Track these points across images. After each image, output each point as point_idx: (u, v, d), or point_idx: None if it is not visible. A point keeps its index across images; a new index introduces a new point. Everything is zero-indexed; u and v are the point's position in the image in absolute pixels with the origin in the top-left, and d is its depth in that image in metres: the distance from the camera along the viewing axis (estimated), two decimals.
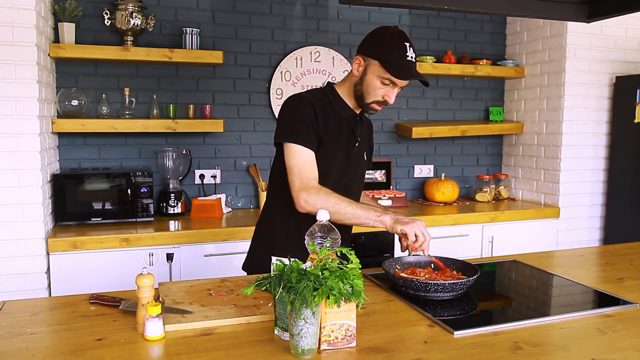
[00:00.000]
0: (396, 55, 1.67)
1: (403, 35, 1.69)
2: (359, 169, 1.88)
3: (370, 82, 1.72)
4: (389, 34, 1.70)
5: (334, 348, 1.21)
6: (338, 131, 1.78)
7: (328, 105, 1.78)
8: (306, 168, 1.67)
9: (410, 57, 1.68)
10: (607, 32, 3.54)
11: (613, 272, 1.91)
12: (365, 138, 1.91)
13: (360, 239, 3.04)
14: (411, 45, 1.69)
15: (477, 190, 3.76)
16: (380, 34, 1.71)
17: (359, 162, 1.87)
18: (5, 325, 1.34)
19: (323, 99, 1.79)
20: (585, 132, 3.58)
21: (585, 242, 3.67)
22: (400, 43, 1.67)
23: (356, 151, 1.83)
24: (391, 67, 1.67)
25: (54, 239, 2.51)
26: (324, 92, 1.82)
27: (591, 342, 1.28)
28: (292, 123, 1.70)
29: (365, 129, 1.93)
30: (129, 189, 2.81)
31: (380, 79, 1.70)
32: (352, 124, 1.82)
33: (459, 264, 1.73)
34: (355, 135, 1.82)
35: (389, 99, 1.73)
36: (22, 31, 2.39)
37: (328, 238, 1.30)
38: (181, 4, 3.19)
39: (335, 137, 1.76)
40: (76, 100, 2.92)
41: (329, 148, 1.74)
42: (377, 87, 1.72)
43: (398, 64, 1.67)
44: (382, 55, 1.68)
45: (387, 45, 1.68)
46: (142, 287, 1.28)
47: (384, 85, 1.71)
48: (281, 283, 1.15)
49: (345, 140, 1.80)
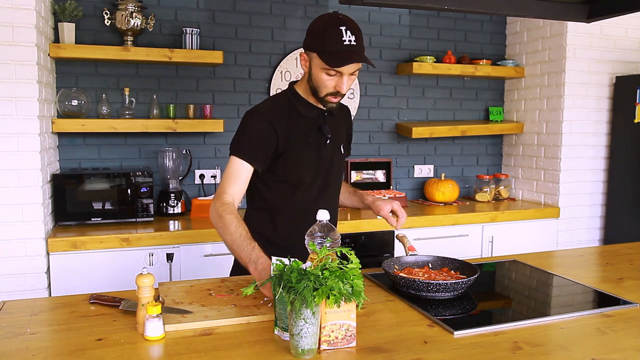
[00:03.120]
0: (332, 43, 1.59)
1: (339, 19, 1.61)
2: (336, 164, 1.85)
3: (317, 76, 1.66)
4: (324, 22, 1.63)
5: (334, 348, 1.21)
6: (304, 134, 1.74)
7: (290, 109, 1.75)
8: (229, 181, 1.68)
9: (347, 41, 1.58)
10: (607, 32, 3.54)
11: (613, 272, 1.91)
12: (340, 130, 1.87)
13: (360, 239, 3.04)
14: (350, 28, 1.60)
15: (477, 190, 3.76)
16: (316, 24, 1.65)
17: (335, 157, 1.84)
18: (5, 325, 1.34)
19: (284, 105, 1.76)
20: (585, 132, 3.58)
21: (585, 242, 3.67)
22: (335, 29, 1.59)
23: (328, 148, 1.80)
24: (327, 56, 1.59)
25: (54, 239, 2.51)
26: (286, 96, 1.79)
27: (591, 342, 1.28)
28: (238, 137, 1.73)
29: (340, 119, 1.89)
30: (129, 189, 2.81)
31: (325, 71, 1.63)
32: (319, 122, 1.77)
33: (458, 264, 1.73)
34: (325, 133, 1.77)
35: (341, 89, 1.65)
36: (22, 31, 2.39)
37: (328, 238, 1.30)
38: (181, 4, 3.19)
39: (302, 140, 1.74)
40: (76, 100, 2.92)
41: (296, 153, 1.73)
42: (324, 79, 1.65)
43: (334, 52, 1.58)
44: (319, 46, 1.62)
45: (322, 35, 1.61)
46: (142, 287, 1.28)
47: (330, 76, 1.63)
48: (281, 283, 1.15)
49: (314, 140, 1.76)
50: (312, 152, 1.76)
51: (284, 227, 1.79)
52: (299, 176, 1.76)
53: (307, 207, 1.77)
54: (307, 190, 1.78)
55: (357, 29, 1.63)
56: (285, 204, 1.79)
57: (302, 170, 1.76)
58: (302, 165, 1.75)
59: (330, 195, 1.85)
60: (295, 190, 1.77)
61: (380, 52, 3.65)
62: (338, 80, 1.64)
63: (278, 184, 1.78)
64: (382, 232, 3.09)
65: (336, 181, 1.89)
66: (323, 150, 1.78)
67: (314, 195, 1.79)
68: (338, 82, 1.64)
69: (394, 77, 3.70)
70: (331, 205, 1.83)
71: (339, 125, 1.87)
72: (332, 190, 1.87)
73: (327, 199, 1.83)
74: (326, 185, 1.82)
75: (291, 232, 1.77)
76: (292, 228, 1.77)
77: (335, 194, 1.90)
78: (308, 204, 1.78)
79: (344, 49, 1.58)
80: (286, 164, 1.73)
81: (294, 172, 1.75)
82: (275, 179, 1.77)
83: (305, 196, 1.78)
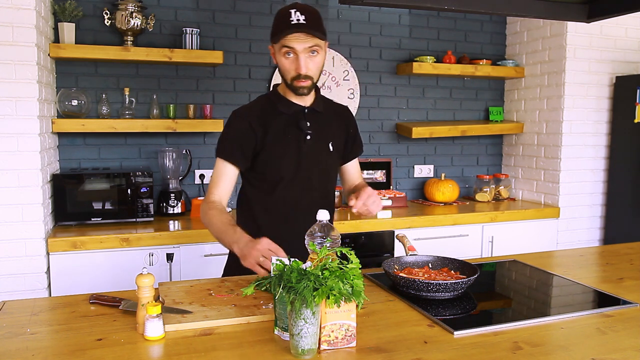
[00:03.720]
0: (280, 24, 1.64)
1: (292, 5, 1.66)
2: (323, 162, 1.83)
3: (280, 63, 1.69)
4: (277, 12, 1.69)
5: (334, 348, 1.21)
6: (283, 131, 1.76)
7: (270, 108, 1.79)
8: (214, 181, 1.77)
9: (295, 20, 1.62)
10: (607, 32, 3.54)
11: (613, 272, 1.91)
12: (330, 128, 1.86)
13: (360, 239, 3.04)
14: (299, 10, 1.63)
15: (477, 190, 3.76)
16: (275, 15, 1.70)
17: (319, 154, 1.81)
18: (5, 325, 1.34)
19: (265, 104, 1.82)
20: (585, 132, 3.58)
21: (585, 242, 3.67)
22: (285, 12, 1.64)
23: (310, 144, 1.78)
24: (275, 39, 1.66)
25: (54, 239, 2.51)
26: (267, 97, 1.84)
27: (591, 342, 1.28)
28: (221, 139, 1.81)
29: (332, 117, 1.88)
30: (129, 189, 2.81)
31: (282, 55, 1.66)
32: (299, 118, 1.78)
33: (458, 264, 1.73)
34: (303, 129, 1.77)
35: (300, 68, 1.66)
36: (22, 31, 2.39)
37: (328, 238, 1.30)
38: (181, 4, 3.19)
39: (280, 137, 1.76)
40: (76, 100, 2.92)
41: (274, 149, 1.75)
42: (285, 64, 1.68)
43: (280, 31, 1.63)
44: (272, 32, 1.67)
45: (275, 20, 1.67)
46: (142, 287, 1.28)
47: (287, 57, 1.67)
48: (281, 283, 1.15)
49: (294, 137, 1.77)
50: (291, 148, 1.77)
51: (267, 226, 1.79)
52: (277, 172, 1.77)
53: (289, 206, 1.80)
54: (287, 187, 1.78)
55: (309, 12, 1.65)
56: (267, 202, 1.81)
57: (280, 167, 1.76)
58: (280, 161, 1.76)
59: (315, 195, 1.82)
60: (275, 187, 1.78)
61: (380, 52, 3.65)
62: (294, 60, 1.66)
63: (259, 182, 1.81)
64: (382, 232, 3.09)
65: (323, 180, 1.85)
66: (303, 146, 1.77)
67: (296, 193, 1.79)
68: (296, 63, 1.66)
69: (394, 77, 3.70)
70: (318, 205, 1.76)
71: (328, 123, 1.85)
72: (318, 189, 1.83)
73: (312, 198, 1.80)
74: (309, 184, 1.80)
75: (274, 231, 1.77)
76: (275, 227, 1.79)
77: (323, 193, 1.85)
78: (290, 202, 1.79)
79: (291, 26, 1.62)
80: (265, 160, 1.77)
81: (273, 169, 1.77)
82: (256, 176, 1.81)
83: (286, 194, 1.78)
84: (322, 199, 1.85)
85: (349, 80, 3.57)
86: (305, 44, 1.64)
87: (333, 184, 1.93)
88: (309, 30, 1.62)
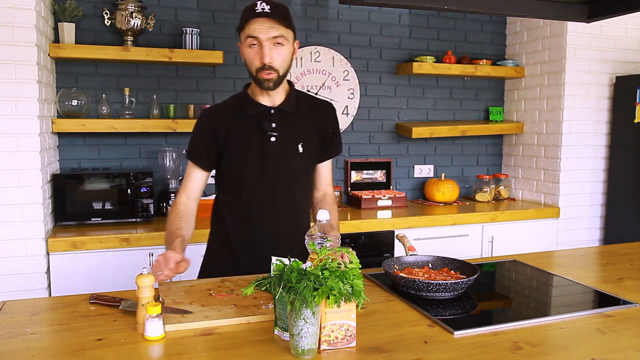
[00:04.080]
0: (246, 12, 1.64)
1: None
2: (290, 164, 1.77)
3: (245, 54, 1.68)
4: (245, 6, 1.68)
5: (334, 348, 1.21)
6: (247, 132, 1.75)
7: (237, 108, 1.78)
8: (183, 182, 1.82)
9: (260, 9, 1.61)
10: (607, 32, 3.54)
11: (613, 272, 1.91)
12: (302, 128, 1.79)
13: (360, 239, 3.04)
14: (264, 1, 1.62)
15: (477, 190, 3.76)
16: None
17: (286, 156, 1.76)
18: (5, 325, 1.34)
19: (232, 104, 1.81)
20: (585, 132, 3.58)
21: (585, 242, 3.67)
22: (252, 4, 1.63)
23: (275, 145, 1.74)
24: (241, 25, 1.65)
25: (54, 239, 2.51)
26: (237, 97, 1.83)
27: (591, 342, 1.28)
28: (190, 139, 1.83)
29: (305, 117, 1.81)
30: (129, 189, 2.81)
31: (247, 45, 1.65)
32: (263, 119, 1.74)
33: (458, 264, 1.73)
34: (266, 131, 1.73)
35: (264, 58, 1.63)
36: (22, 31, 2.39)
37: (328, 238, 1.30)
38: (181, 4, 3.19)
39: (243, 139, 1.74)
40: (76, 100, 2.92)
41: (237, 151, 1.74)
42: (249, 54, 1.66)
43: (246, 18, 1.63)
44: (239, 24, 1.67)
45: (242, 12, 1.67)
46: (142, 287, 1.28)
47: (252, 47, 1.65)
48: (281, 283, 1.15)
49: (257, 139, 1.74)
50: (254, 150, 1.74)
51: (233, 228, 1.80)
52: (241, 175, 1.76)
53: (254, 208, 1.78)
54: (251, 190, 1.76)
55: (276, 4, 1.64)
56: (232, 203, 1.81)
57: (243, 169, 1.75)
58: (243, 163, 1.75)
59: (280, 197, 1.77)
60: (239, 189, 1.77)
61: (380, 52, 3.65)
62: (258, 50, 1.64)
63: (225, 183, 1.82)
64: (382, 232, 3.09)
65: (291, 182, 1.79)
66: (267, 148, 1.74)
67: (261, 196, 1.76)
68: (260, 52, 1.64)
69: (394, 77, 3.70)
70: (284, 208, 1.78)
71: (299, 123, 1.79)
72: (285, 191, 1.78)
73: (278, 200, 1.77)
74: (274, 186, 1.76)
75: (240, 233, 1.80)
76: (241, 229, 1.79)
77: (290, 196, 1.79)
78: (254, 204, 1.77)
79: (255, 14, 1.61)
80: (228, 162, 1.76)
81: (236, 171, 1.76)
82: (222, 178, 1.82)
83: (250, 196, 1.77)
84: (290, 201, 1.80)
85: (349, 80, 3.57)
86: (269, 32, 1.62)
87: (305, 186, 1.86)
88: (274, 17, 1.60)
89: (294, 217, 1.82)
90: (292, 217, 1.82)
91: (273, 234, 1.79)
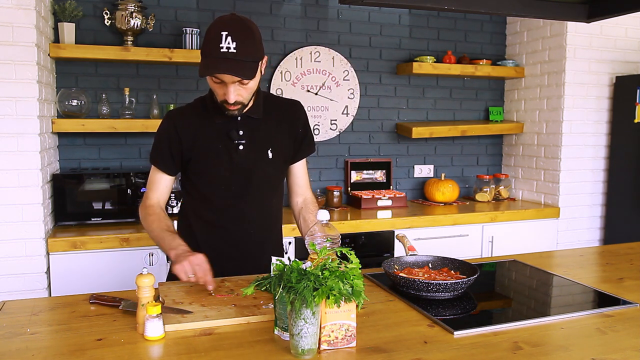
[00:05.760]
0: (209, 48, 1.50)
1: (224, 23, 1.51)
2: (260, 170, 1.73)
3: (209, 82, 1.59)
4: (211, 25, 1.53)
5: (334, 348, 1.21)
6: (214, 140, 1.69)
7: (202, 114, 1.71)
8: (149, 186, 1.77)
9: (225, 48, 1.47)
10: (607, 32, 3.54)
11: (613, 272, 1.91)
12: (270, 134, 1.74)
13: (360, 239, 3.04)
14: (232, 34, 1.48)
15: (477, 190, 3.76)
16: (209, 27, 1.54)
17: (255, 163, 1.72)
18: (5, 325, 1.34)
19: (198, 109, 1.73)
20: (585, 132, 3.58)
21: (585, 242, 3.67)
22: (215, 34, 1.48)
23: (243, 153, 1.70)
24: (203, 63, 1.52)
25: (54, 239, 2.51)
26: (202, 101, 1.75)
27: (591, 342, 1.28)
28: (153, 142, 1.77)
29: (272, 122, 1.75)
30: (129, 189, 2.81)
31: (211, 79, 1.57)
32: (229, 128, 1.69)
33: (458, 264, 1.73)
34: (233, 139, 1.68)
35: (228, 97, 1.55)
36: (22, 31, 2.39)
37: (328, 238, 1.30)
38: (181, 4, 3.19)
39: (210, 147, 1.69)
40: (76, 100, 2.92)
41: (205, 159, 1.70)
42: (213, 86, 1.58)
43: (209, 59, 1.50)
44: (202, 51, 1.53)
45: (206, 39, 1.52)
46: (142, 287, 1.28)
47: (216, 83, 1.56)
48: (281, 283, 1.15)
49: (225, 147, 1.69)
50: (223, 157, 1.69)
51: (202, 235, 1.77)
52: (209, 182, 1.72)
53: (224, 215, 1.75)
54: (220, 199, 1.73)
55: (242, 34, 1.50)
56: (201, 210, 1.77)
57: (212, 178, 1.71)
58: (211, 172, 1.71)
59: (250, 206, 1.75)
60: (208, 196, 1.74)
61: (380, 52, 3.65)
62: (225, 88, 1.55)
63: (193, 190, 1.77)
64: (382, 232, 3.09)
65: (261, 190, 1.76)
66: (235, 157, 1.69)
67: (229, 205, 1.74)
68: (225, 90, 1.56)
69: (394, 77, 3.70)
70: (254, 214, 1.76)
71: (267, 128, 1.74)
72: (254, 200, 1.75)
73: (247, 209, 1.75)
74: (243, 195, 1.73)
75: (209, 240, 1.76)
76: (210, 235, 1.76)
77: (259, 205, 1.77)
78: (224, 211, 1.74)
79: (219, 56, 1.48)
80: (196, 170, 1.72)
81: (204, 179, 1.72)
82: (190, 184, 1.78)
83: (220, 204, 1.74)
84: (260, 209, 1.78)
85: (349, 80, 3.57)
86: (234, 77, 1.52)
87: (276, 191, 1.83)
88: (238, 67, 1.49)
89: (265, 223, 1.81)
90: (263, 223, 1.80)
91: (244, 241, 1.77)
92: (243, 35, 1.51)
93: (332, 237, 1.31)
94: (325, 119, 3.53)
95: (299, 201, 1.87)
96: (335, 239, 1.31)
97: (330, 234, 1.31)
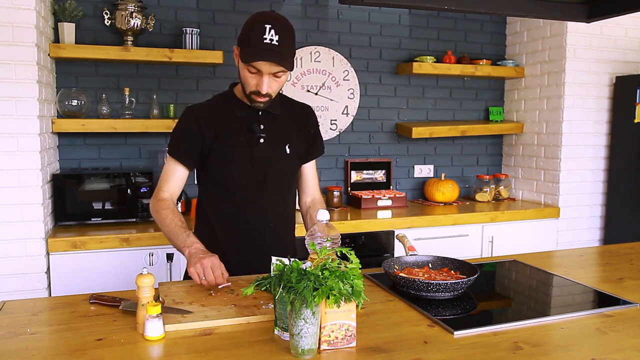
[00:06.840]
0: (253, 39, 1.56)
1: (268, 17, 1.59)
2: (277, 165, 1.78)
3: (241, 72, 1.64)
4: (253, 18, 1.61)
5: (334, 348, 1.21)
6: (236, 133, 1.73)
7: (224, 108, 1.76)
8: (164, 178, 1.77)
9: (268, 40, 1.55)
10: (607, 32, 3.54)
11: (613, 272, 1.91)
12: (287, 130, 1.81)
13: (360, 239, 3.04)
14: (275, 27, 1.56)
15: (477, 190, 3.76)
16: (248, 20, 1.62)
17: (274, 157, 1.77)
18: (5, 325, 1.34)
19: (219, 103, 1.78)
20: (585, 132, 3.59)
21: (585, 242, 3.67)
22: (260, 26, 1.56)
23: (263, 147, 1.75)
24: (245, 51, 1.58)
25: (54, 239, 2.51)
26: (222, 97, 1.80)
27: (591, 342, 1.28)
28: (172, 136, 1.79)
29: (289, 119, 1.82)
30: (129, 189, 2.81)
31: (247, 67, 1.61)
32: (251, 121, 1.74)
33: (458, 264, 1.73)
34: (255, 132, 1.73)
35: (261, 88, 1.61)
36: (22, 31, 2.39)
37: (328, 238, 1.30)
38: (181, 4, 3.19)
39: (232, 139, 1.73)
40: (76, 100, 2.92)
41: (225, 152, 1.73)
42: (246, 76, 1.63)
43: (251, 48, 1.57)
44: (242, 41, 1.61)
45: (248, 30, 1.59)
46: (142, 287, 1.28)
47: (251, 73, 1.61)
48: (281, 283, 1.15)
49: (246, 140, 1.74)
50: (244, 152, 1.73)
51: (224, 230, 1.78)
52: (229, 176, 1.75)
53: (242, 209, 1.77)
54: (240, 191, 1.75)
55: (285, 30, 1.59)
56: (220, 205, 1.79)
57: (232, 170, 1.74)
58: (232, 165, 1.74)
59: (269, 199, 1.78)
60: (227, 191, 1.76)
61: (380, 52, 3.65)
62: (259, 79, 1.61)
63: (212, 185, 1.79)
64: (382, 232, 3.09)
65: (279, 183, 1.80)
66: (256, 149, 1.74)
67: (249, 197, 1.76)
68: (259, 81, 1.62)
69: (394, 77, 3.70)
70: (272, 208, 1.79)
71: (285, 125, 1.81)
72: (272, 193, 1.79)
73: (266, 202, 1.78)
74: (262, 188, 1.76)
75: (228, 234, 1.77)
76: (229, 230, 1.77)
77: (277, 198, 1.81)
78: (243, 205, 1.76)
79: (262, 47, 1.55)
80: (216, 163, 1.74)
81: (225, 172, 1.75)
82: (209, 180, 1.79)
83: (239, 198, 1.76)
84: (277, 202, 1.82)
85: (349, 80, 3.57)
86: (272, 69, 1.59)
87: (291, 186, 1.88)
88: (281, 58, 1.57)
89: (283, 216, 1.84)
90: (282, 217, 1.84)
91: (265, 234, 1.79)
92: (285, 30, 1.59)
93: (332, 237, 1.31)
94: (325, 119, 3.53)
95: (308, 200, 1.93)
96: (336, 239, 1.31)
97: (331, 234, 1.31)
